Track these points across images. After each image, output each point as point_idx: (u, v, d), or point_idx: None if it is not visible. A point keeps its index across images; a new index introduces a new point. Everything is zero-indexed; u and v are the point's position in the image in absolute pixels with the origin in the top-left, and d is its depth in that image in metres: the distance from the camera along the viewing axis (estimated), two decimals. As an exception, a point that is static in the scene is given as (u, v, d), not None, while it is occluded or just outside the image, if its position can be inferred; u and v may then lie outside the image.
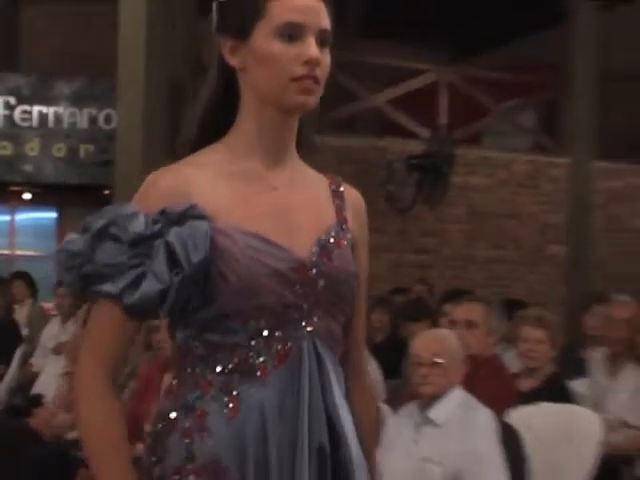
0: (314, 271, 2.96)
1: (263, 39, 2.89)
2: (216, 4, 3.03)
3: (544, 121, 21.49)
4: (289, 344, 2.92)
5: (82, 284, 2.83)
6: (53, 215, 24.65)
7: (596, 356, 9.53)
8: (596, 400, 8.56)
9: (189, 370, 2.95)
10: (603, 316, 9.82)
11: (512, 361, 8.80)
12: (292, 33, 2.87)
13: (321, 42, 2.95)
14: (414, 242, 18.56)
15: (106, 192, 16.99)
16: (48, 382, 10.44)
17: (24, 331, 12.81)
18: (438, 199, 19.07)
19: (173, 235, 2.73)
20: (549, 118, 21.20)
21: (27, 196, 23.64)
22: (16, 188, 23.09)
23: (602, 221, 18.71)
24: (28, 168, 21.66)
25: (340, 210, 3.16)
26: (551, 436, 7.15)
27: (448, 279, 16.08)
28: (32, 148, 21.57)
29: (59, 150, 21.53)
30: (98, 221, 2.77)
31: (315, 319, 2.96)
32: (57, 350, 11.28)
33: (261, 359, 2.89)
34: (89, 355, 2.91)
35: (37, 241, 24.85)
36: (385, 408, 7.63)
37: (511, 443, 6.55)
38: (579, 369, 9.46)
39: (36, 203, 24.20)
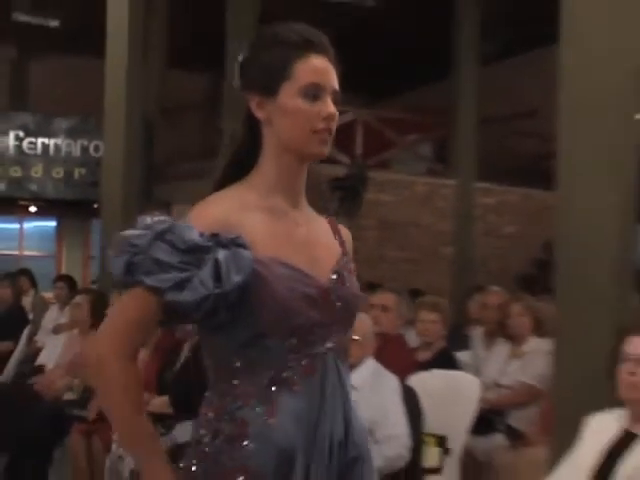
0: (332, 295, 2.84)
1: (289, 97, 2.78)
2: (242, 64, 2.94)
3: (437, 152, 21.70)
4: (316, 359, 2.79)
5: (127, 270, 2.63)
6: (53, 224, 25.36)
7: (476, 333, 9.59)
8: (476, 367, 8.59)
9: (228, 383, 2.75)
10: (480, 303, 9.88)
11: (412, 338, 8.85)
12: (314, 93, 2.80)
13: (334, 100, 2.90)
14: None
15: (95, 206, 16.93)
16: (49, 355, 10.36)
17: (29, 315, 12.73)
18: (355, 212, 19.16)
19: (221, 255, 2.59)
20: (441, 149, 21.41)
21: (32, 209, 23.99)
22: (24, 202, 23.38)
23: (481, 229, 18.97)
24: (33, 187, 22.29)
25: (342, 243, 3.07)
26: (441, 395, 7.18)
27: (364, 274, 16.11)
28: (36, 171, 22.19)
29: (58, 173, 22.15)
30: (160, 224, 2.64)
31: (334, 335, 2.84)
32: (56, 330, 11.24)
33: (293, 373, 2.74)
34: (111, 336, 2.69)
35: (40, 244, 25.43)
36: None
37: (411, 401, 6.57)
38: (463, 344, 9.53)
39: (40, 214, 24.54)
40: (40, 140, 22.04)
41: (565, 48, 6.73)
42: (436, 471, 6.96)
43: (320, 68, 2.82)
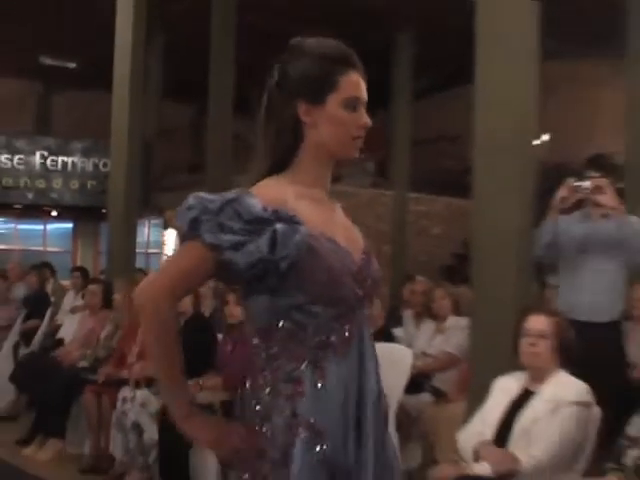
0: (364, 272, 2.68)
1: (335, 107, 2.63)
2: (288, 73, 2.68)
3: (379, 168, 21.67)
4: (355, 327, 2.60)
5: (192, 225, 2.47)
6: (70, 226, 25.57)
7: (407, 314, 9.55)
8: (408, 341, 8.58)
9: (277, 347, 2.54)
10: (410, 289, 9.87)
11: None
12: (354, 104, 2.66)
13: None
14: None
15: (103, 211, 16.85)
16: (67, 331, 10.36)
17: (51, 299, 12.68)
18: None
19: (280, 227, 2.43)
20: (382, 166, 21.39)
21: (54, 213, 24.08)
22: (47, 208, 23.52)
23: (413, 230, 19.05)
24: (54, 196, 22.58)
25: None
26: (381, 363, 7.14)
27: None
28: (57, 183, 22.51)
29: (74, 184, 22.44)
30: (230, 194, 2.48)
31: (365, 307, 2.68)
32: (72, 311, 11.22)
33: (337, 338, 2.54)
34: (163, 279, 2.51)
35: (60, 242, 25.54)
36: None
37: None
38: (398, 322, 9.51)
39: (59, 218, 24.58)
40: (60, 158, 22.46)
41: (479, 87, 6.81)
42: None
43: (358, 83, 2.69)
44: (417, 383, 7.68)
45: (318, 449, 2.45)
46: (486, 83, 6.79)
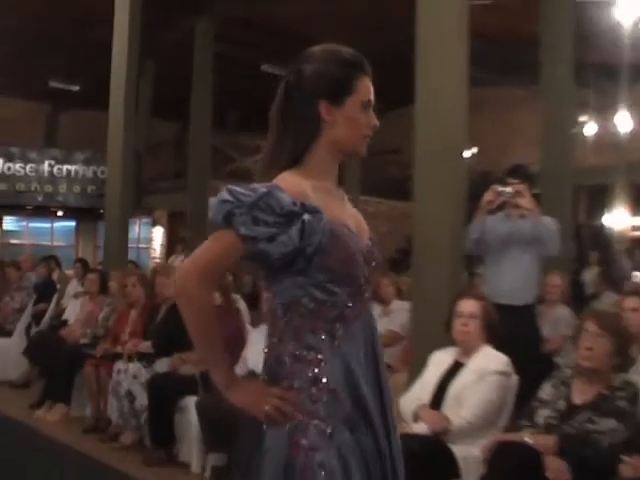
0: (370, 256, 2.56)
1: (353, 108, 2.51)
2: (311, 75, 2.53)
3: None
4: (363, 303, 2.52)
5: (227, 218, 2.33)
6: (73, 224, 25.33)
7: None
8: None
9: (300, 320, 2.44)
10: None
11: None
12: (367, 107, 2.54)
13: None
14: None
15: (101, 211, 16.73)
16: (70, 313, 10.31)
17: (57, 286, 12.62)
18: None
19: (307, 218, 2.32)
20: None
21: (59, 213, 23.89)
22: (54, 209, 23.42)
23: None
24: (60, 198, 22.61)
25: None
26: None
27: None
28: (62, 188, 22.55)
29: (76, 189, 22.49)
30: (262, 188, 2.34)
31: (369, 286, 2.56)
32: (75, 296, 11.16)
33: (350, 312, 2.45)
34: (195, 267, 2.40)
35: (64, 238, 25.33)
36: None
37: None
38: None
39: (65, 217, 24.47)
40: (65, 167, 22.47)
41: (418, 108, 6.85)
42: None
43: (370, 87, 2.57)
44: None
45: (339, 409, 2.39)
46: (424, 104, 6.82)
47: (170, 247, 20.25)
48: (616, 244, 17.90)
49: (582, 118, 16.08)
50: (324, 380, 2.39)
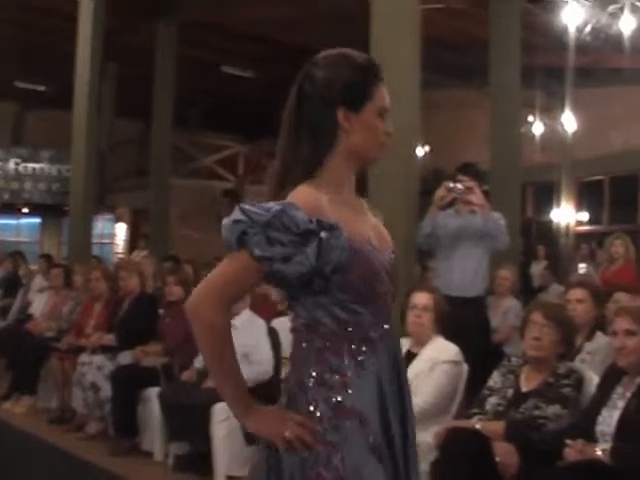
0: (393, 269, 2.38)
1: (371, 115, 2.34)
2: (328, 81, 2.34)
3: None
4: (388, 322, 2.33)
5: (240, 239, 2.14)
6: (38, 220, 25.13)
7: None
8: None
9: (322, 341, 2.25)
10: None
11: (274, 293, 8.71)
12: (384, 114, 2.37)
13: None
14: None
15: (65, 209, 16.62)
16: (36, 307, 10.23)
17: (23, 280, 12.53)
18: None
19: (324, 236, 2.13)
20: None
21: (25, 210, 23.57)
22: (19, 206, 23.07)
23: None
24: (26, 196, 22.24)
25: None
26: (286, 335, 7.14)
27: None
28: (28, 185, 22.19)
29: (42, 186, 22.11)
30: (276, 206, 2.15)
31: (392, 302, 2.38)
32: (40, 291, 11.08)
33: (375, 333, 2.27)
34: (210, 291, 2.22)
35: (30, 234, 25.24)
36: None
37: (273, 336, 6.53)
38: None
39: (30, 214, 24.24)
40: (31, 165, 22.13)
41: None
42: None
43: (385, 95, 2.41)
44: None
45: (366, 436, 2.20)
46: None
47: (133, 243, 20.14)
48: (562, 238, 18.09)
49: (530, 118, 16.19)
50: (348, 405, 2.21)
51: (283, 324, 7.16)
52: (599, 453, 3.83)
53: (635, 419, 3.86)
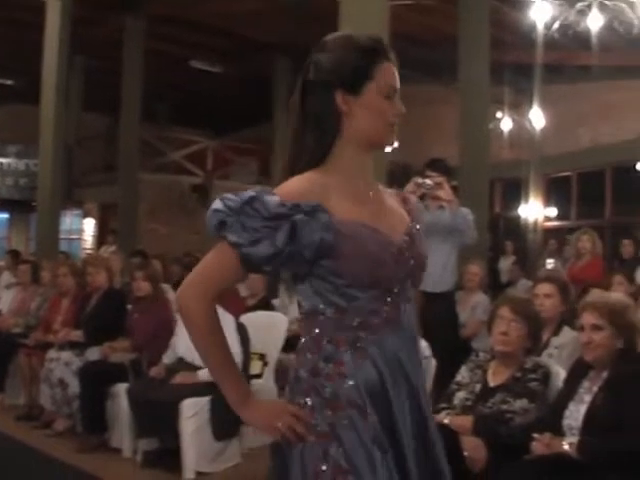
0: (407, 253, 2.29)
1: (373, 95, 2.25)
2: (324, 64, 2.30)
3: (261, 168, 21.65)
4: (394, 308, 2.24)
5: (219, 228, 2.14)
6: (6, 216, 24.92)
7: (282, 288, 9.49)
8: (284, 309, 8.57)
9: (319, 329, 2.22)
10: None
11: (243, 290, 8.75)
12: (390, 93, 2.27)
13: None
14: (195, 228, 18.39)
15: (33, 204, 16.51)
16: (4, 303, 10.14)
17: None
18: (207, 206, 19.00)
19: (299, 218, 2.10)
20: (264, 167, 21.37)
21: (-7, 206, 23.32)
22: (-13, 202, 22.72)
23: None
24: None
25: (410, 212, 2.46)
26: (262, 327, 7.14)
27: (212, 248, 15.78)
28: None
29: (9, 181, 22.05)
30: (249, 193, 2.15)
31: (408, 287, 2.30)
32: (8, 287, 11.00)
33: (376, 319, 2.20)
34: (194, 283, 2.20)
35: (-2, 229, 24.74)
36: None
37: (242, 332, 6.51)
38: (275, 294, 9.42)
39: (-2, 209, 23.90)
40: (-3, 160, 22.04)
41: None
42: (259, 376, 6.95)
43: (392, 72, 2.31)
44: (292, 343, 7.70)
45: (364, 425, 2.15)
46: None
47: (101, 238, 20.06)
48: (530, 234, 18.20)
49: (498, 114, 16.27)
50: (344, 395, 2.17)
51: (252, 320, 7.18)
52: (566, 447, 3.86)
53: (601, 413, 3.89)
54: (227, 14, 15.77)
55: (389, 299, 2.24)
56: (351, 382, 2.16)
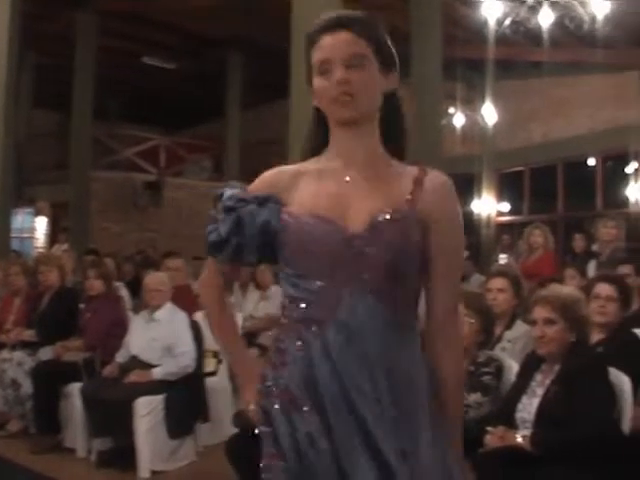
0: (361, 242, 2.16)
1: (314, 80, 2.27)
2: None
3: (214, 165, 21.59)
4: (338, 300, 2.15)
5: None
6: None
7: (235, 285, 9.40)
8: (238, 306, 8.56)
9: (282, 321, 2.27)
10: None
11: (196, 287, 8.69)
12: (325, 68, 2.24)
13: (352, 65, 2.23)
14: (148, 226, 18.32)
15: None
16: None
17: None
18: (160, 204, 19.04)
19: (247, 211, 2.22)
20: (217, 163, 21.34)
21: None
22: None
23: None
24: None
25: (413, 194, 2.31)
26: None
27: (165, 246, 15.77)
28: None
29: None
30: (221, 190, 2.36)
31: (365, 278, 2.17)
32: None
33: (317, 310, 2.16)
34: (202, 281, 2.51)
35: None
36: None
37: (196, 329, 6.52)
38: (229, 291, 9.37)
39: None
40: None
41: (293, 101, 6.89)
42: (213, 374, 6.95)
43: (326, 45, 2.27)
44: (246, 340, 7.71)
45: (292, 418, 2.16)
46: (298, 98, 6.87)
47: (53, 237, 19.86)
48: (483, 229, 18.35)
49: (451, 110, 16.37)
50: (279, 387, 2.20)
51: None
52: (519, 439, 3.91)
53: (554, 406, 3.94)
54: (179, 10, 15.72)
55: (334, 291, 2.17)
56: (288, 373, 2.18)
